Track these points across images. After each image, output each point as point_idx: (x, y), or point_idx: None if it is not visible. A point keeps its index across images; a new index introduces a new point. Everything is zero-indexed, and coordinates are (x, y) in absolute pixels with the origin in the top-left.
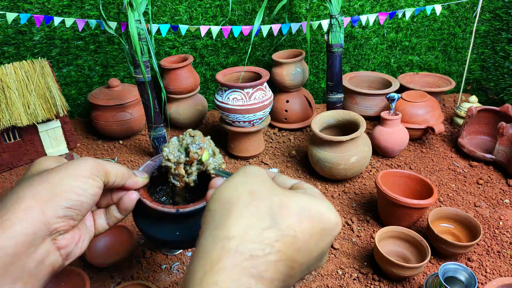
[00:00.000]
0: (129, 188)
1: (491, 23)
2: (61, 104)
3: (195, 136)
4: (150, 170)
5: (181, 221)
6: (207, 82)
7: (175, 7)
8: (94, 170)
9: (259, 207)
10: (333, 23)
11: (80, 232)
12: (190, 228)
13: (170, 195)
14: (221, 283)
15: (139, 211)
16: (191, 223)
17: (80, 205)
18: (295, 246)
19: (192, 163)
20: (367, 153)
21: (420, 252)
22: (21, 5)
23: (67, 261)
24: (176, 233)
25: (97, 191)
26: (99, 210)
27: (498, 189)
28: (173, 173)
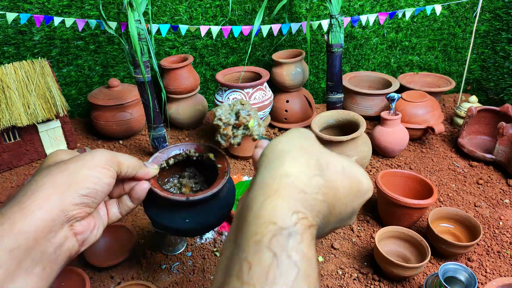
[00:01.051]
0: (141, 179)
1: (491, 23)
2: (61, 104)
3: (245, 105)
4: (159, 161)
5: (190, 209)
6: (207, 82)
7: (175, 7)
8: (108, 161)
9: (310, 160)
10: (333, 23)
11: (95, 220)
12: (199, 216)
13: (178, 186)
14: (279, 206)
15: (150, 201)
16: (200, 211)
17: (96, 193)
18: (336, 196)
19: (239, 127)
20: (367, 153)
21: (420, 252)
22: (21, 5)
23: (82, 247)
24: (186, 221)
25: (111, 180)
26: (111, 200)
27: (498, 189)
28: (221, 133)
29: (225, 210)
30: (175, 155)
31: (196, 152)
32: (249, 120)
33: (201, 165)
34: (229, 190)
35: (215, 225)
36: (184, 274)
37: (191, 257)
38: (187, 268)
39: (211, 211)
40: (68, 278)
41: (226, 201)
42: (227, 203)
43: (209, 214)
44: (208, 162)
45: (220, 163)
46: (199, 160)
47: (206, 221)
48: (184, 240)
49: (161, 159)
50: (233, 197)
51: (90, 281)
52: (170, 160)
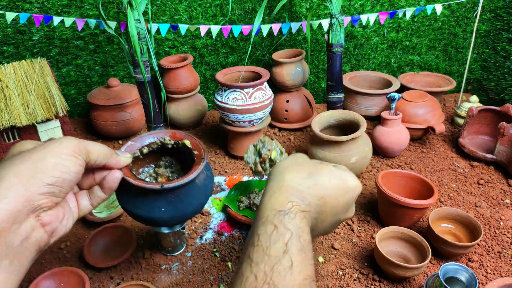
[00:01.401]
0: (112, 168)
1: (492, 22)
2: (61, 104)
3: (265, 142)
4: (133, 150)
5: (166, 197)
6: (207, 82)
7: (174, 7)
8: (76, 148)
9: (302, 169)
10: (334, 22)
11: (64, 210)
12: (176, 204)
13: (154, 176)
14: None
15: (123, 191)
16: (176, 199)
17: (63, 182)
18: (326, 191)
19: (265, 162)
20: (368, 153)
21: (420, 253)
22: (21, 4)
23: (52, 239)
24: (162, 210)
25: (79, 169)
26: (82, 191)
27: (498, 189)
28: (254, 171)
29: (203, 198)
30: (150, 143)
31: (172, 139)
32: (270, 154)
33: (177, 153)
34: (207, 177)
35: (193, 213)
36: (184, 275)
37: (191, 257)
38: (187, 268)
39: (188, 199)
40: (67, 278)
41: (203, 189)
42: (204, 190)
43: (186, 202)
44: (184, 149)
45: (197, 149)
46: (175, 148)
47: (183, 210)
48: (184, 241)
49: (135, 148)
50: (211, 184)
51: (90, 281)
52: (144, 148)
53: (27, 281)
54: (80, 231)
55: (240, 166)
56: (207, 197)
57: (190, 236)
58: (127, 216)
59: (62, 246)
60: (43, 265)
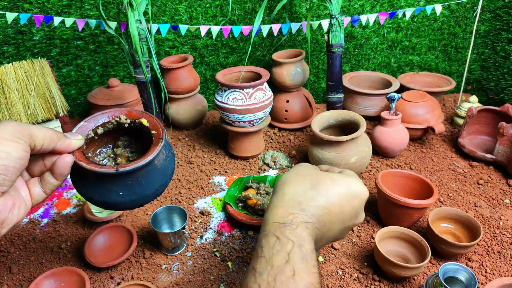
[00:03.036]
0: (62, 152)
1: (492, 23)
2: (61, 104)
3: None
4: (85, 131)
5: (123, 181)
6: (207, 82)
7: (175, 7)
8: (17, 133)
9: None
10: (333, 23)
11: (14, 199)
12: (134, 187)
13: (112, 157)
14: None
15: (77, 175)
16: (134, 182)
17: (6, 169)
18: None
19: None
20: (367, 153)
21: (420, 252)
22: (21, 5)
23: (3, 229)
24: (120, 194)
25: (22, 154)
26: (33, 178)
27: (498, 189)
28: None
29: (163, 179)
30: (104, 123)
31: (128, 118)
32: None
33: (137, 132)
34: (167, 157)
35: (154, 195)
36: (184, 274)
37: (191, 257)
38: (187, 268)
39: (147, 181)
40: (68, 278)
41: (163, 170)
42: (164, 171)
43: (145, 184)
44: (143, 128)
45: (155, 129)
46: (133, 127)
47: (143, 193)
48: (184, 241)
49: (88, 129)
50: (172, 164)
51: (90, 281)
52: (99, 129)
53: (28, 281)
54: (80, 231)
55: (240, 166)
56: (168, 177)
57: (190, 236)
58: (127, 216)
59: (63, 246)
60: (44, 265)
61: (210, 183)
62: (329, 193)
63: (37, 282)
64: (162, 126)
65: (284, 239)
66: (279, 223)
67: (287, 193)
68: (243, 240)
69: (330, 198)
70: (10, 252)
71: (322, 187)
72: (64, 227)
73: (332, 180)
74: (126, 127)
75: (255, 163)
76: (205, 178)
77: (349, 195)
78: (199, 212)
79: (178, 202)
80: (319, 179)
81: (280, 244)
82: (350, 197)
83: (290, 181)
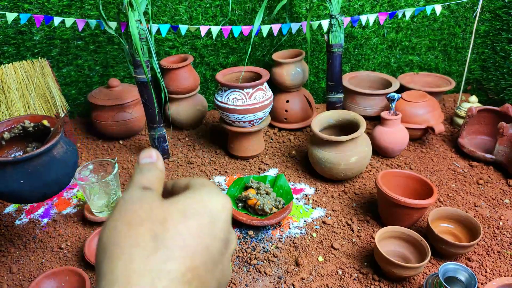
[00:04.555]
0: None
1: (491, 23)
2: (61, 104)
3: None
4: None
5: (23, 169)
6: (207, 82)
7: (175, 7)
8: None
9: (139, 234)
10: (333, 23)
11: None
12: (32, 175)
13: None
14: None
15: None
16: (34, 171)
17: None
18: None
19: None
20: (367, 153)
21: (420, 252)
22: (21, 5)
23: None
24: (20, 182)
25: None
26: None
27: (498, 189)
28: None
29: (65, 170)
30: (10, 128)
31: (31, 122)
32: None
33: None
34: (67, 151)
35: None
36: None
37: None
38: None
39: (46, 170)
40: (68, 278)
41: (63, 162)
42: (64, 163)
43: (45, 173)
44: (46, 131)
45: (53, 126)
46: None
47: (43, 181)
48: None
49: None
50: (74, 158)
51: (90, 281)
52: (5, 134)
53: (28, 280)
54: (80, 231)
55: (240, 166)
56: (68, 170)
57: None
58: None
59: (63, 245)
60: (44, 265)
61: None
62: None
63: (37, 282)
64: (62, 124)
65: None
66: None
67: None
68: (243, 240)
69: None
70: (10, 252)
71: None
72: (64, 227)
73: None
74: (32, 132)
75: (255, 163)
76: (205, 178)
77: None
78: None
79: None
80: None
81: None
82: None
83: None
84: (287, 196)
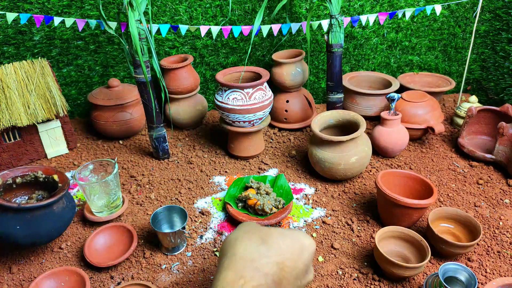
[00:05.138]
0: None
1: (491, 23)
2: (61, 104)
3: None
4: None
5: (23, 216)
6: (207, 82)
7: (175, 7)
8: None
9: (252, 237)
10: (333, 23)
11: None
12: (30, 224)
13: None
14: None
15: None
16: (32, 219)
17: None
18: (282, 255)
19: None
20: (367, 153)
21: (420, 252)
22: (21, 5)
23: None
24: (17, 227)
25: None
26: None
27: (498, 189)
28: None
29: (58, 224)
30: (23, 174)
31: (44, 174)
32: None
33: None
34: (66, 207)
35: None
36: (184, 274)
37: (191, 257)
38: (187, 268)
39: (43, 221)
40: (68, 278)
41: (60, 216)
42: (61, 217)
43: (41, 224)
44: (54, 184)
45: (62, 182)
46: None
47: (37, 231)
48: (184, 240)
49: (8, 176)
50: (70, 214)
51: (90, 281)
52: (18, 179)
53: (28, 280)
54: (80, 231)
55: (240, 166)
56: (65, 224)
57: (190, 235)
58: (127, 216)
59: (63, 246)
60: (44, 265)
61: (210, 183)
62: (281, 247)
63: (37, 282)
64: (68, 181)
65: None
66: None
67: (238, 252)
68: None
69: (283, 252)
70: (10, 252)
71: (274, 241)
72: None
73: (281, 234)
74: (42, 181)
75: (255, 163)
76: (205, 178)
77: (300, 248)
78: (199, 212)
79: (178, 202)
80: (268, 233)
81: None
82: (301, 249)
83: (240, 239)
84: (287, 196)
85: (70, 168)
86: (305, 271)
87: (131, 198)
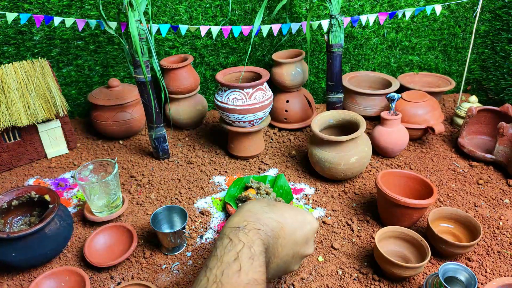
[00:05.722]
0: None
1: (491, 23)
2: (61, 104)
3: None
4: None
5: (16, 244)
6: (207, 82)
7: (175, 7)
8: None
9: (261, 201)
10: (333, 23)
11: None
12: (24, 250)
13: (28, 223)
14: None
15: None
16: (25, 246)
17: None
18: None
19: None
20: (367, 153)
21: (420, 252)
22: (21, 5)
23: None
24: (12, 254)
25: None
26: None
27: (498, 189)
28: None
29: (53, 245)
30: (18, 196)
31: (37, 193)
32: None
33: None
34: (60, 227)
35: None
36: (184, 274)
37: (191, 257)
38: (187, 268)
39: (37, 246)
40: (68, 278)
41: (54, 237)
42: (55, 238)
43: (35, 248)
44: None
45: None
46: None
47: (32, 255)
48: (184, 240)
49: (3, 201)
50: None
51: (90, 281)
52: (13, 201)
53: (28, 281)
54: (80, 231)
55: (240, 166)
56: (61, 244)
57: (190, 235)
58: (127, 216)
59: None
60: (44, 265)
61: (210, 183)
62: (284, 213)
63: (37, 282)
64: (59, 201)
65: (236, 241)
66: (234, 228)
67: (246, 208)
68: None
69: (284, 216)
70: None
71: (277, 208)
72: None
73: (287, 206)
74: (36, 201)
75: (255, 163)
76: (205, 178)
77: (301, 220)
78: (199, 212)
79: (178, 202)
80: (276, 204)
81: (232, 244)
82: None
83: (250, 203)
84: (287, 196)
85: (70, 168)
86: (305, 242)
87: (131, 198)
